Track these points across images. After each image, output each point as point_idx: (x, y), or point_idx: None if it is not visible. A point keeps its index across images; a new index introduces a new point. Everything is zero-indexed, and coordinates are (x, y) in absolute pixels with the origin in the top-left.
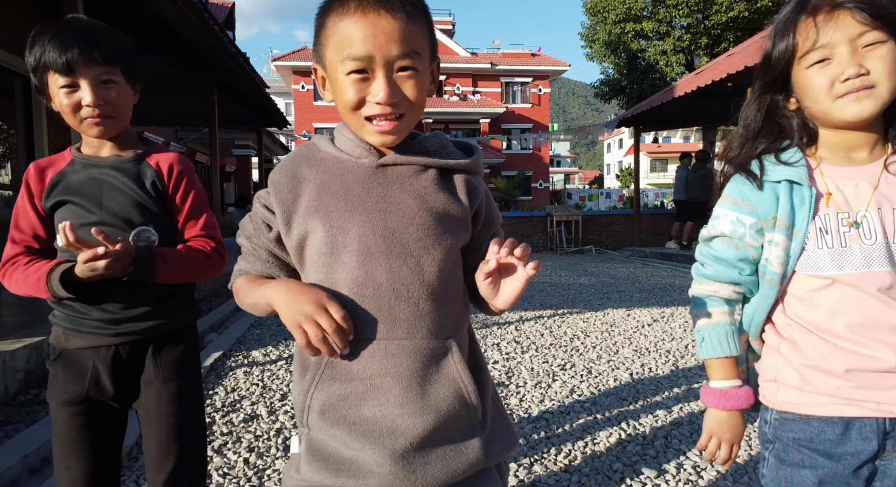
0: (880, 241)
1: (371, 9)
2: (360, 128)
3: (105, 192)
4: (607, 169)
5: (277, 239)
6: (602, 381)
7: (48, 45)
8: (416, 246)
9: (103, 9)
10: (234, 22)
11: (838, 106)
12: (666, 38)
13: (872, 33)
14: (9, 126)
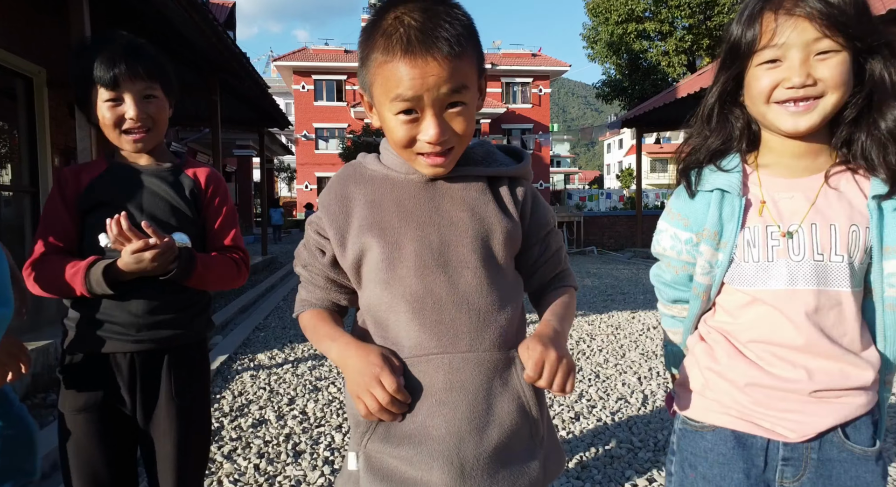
0: (808, 258)
1: (419, 55)
2: (413, 161)
3: (145, 196)
4: (607, 169)
5: (333, 263)
6: (610, 385)
7: (96, 60)
8: (472, 257)
9: (106, 7)
10: (234, 22)
11: (774, 112)
12: (668, 38)
13: (828, 41)
14: (10, 126)
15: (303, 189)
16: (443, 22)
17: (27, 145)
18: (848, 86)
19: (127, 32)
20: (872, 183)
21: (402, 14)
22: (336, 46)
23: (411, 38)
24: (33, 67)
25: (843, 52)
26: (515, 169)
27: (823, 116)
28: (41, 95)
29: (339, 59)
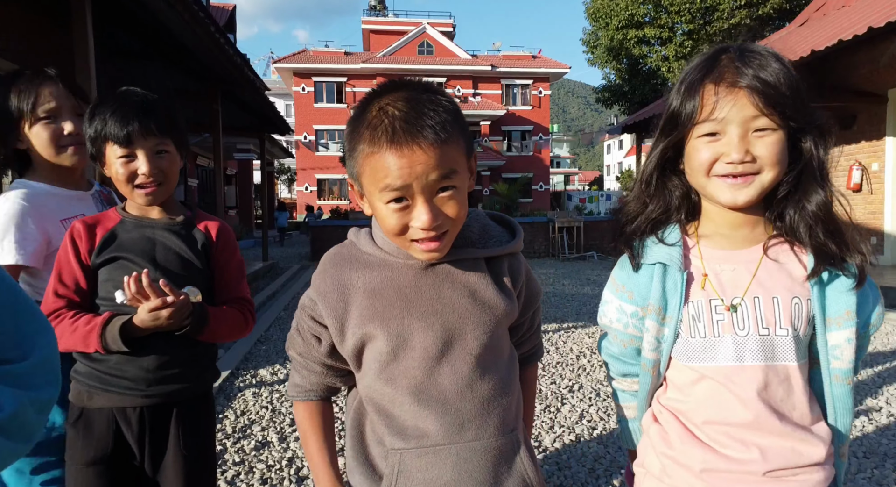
0: (753, 333)
1: (405, 144)
2: (408, 247)
3: (158, 250)
4: (607, 170)
5: (331, 350)
6: (610, 405)
7: (109, 118)
8: (475, 344)
9: (109, 18)
10: (234, 25)
11: (714, 185)
12: (668, 44)
13: (765, 120)
14: None
15: (303, 191)
16: (427, 110)
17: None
18: (784, 163)
19: (140, 89)
20: (810, 256)
21: (385, 105)
22: (336, 48)
23: (396, 128)
24: None
25: (779, 130)
26: (512, 247)
27: (760, 190)
28: None
29: (339, 61)
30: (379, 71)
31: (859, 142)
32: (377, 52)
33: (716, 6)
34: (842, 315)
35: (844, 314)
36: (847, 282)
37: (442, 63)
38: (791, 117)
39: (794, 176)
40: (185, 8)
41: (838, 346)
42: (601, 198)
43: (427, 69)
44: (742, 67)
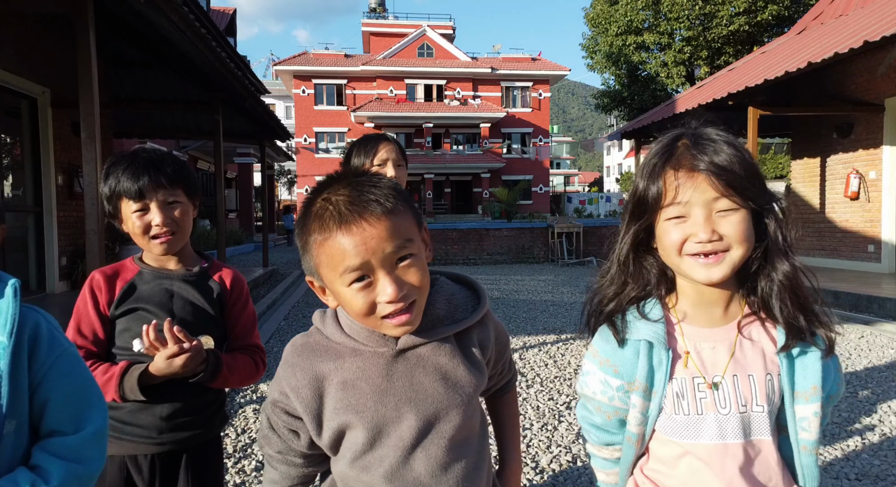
0: (734, 411)
1: (353, 222)
2: (379, 326)
3: (175, 301)
4: (607, 171)
5: (311, 442)
6: None
7: (122, 176)
8: (449, 427)
9: (113, 31)
10: (235, 28)
11: (687, 264)
12: (667, 50)
13: (726, 201)
14: (15, 146)
15: (303, 193)
16: (368, 187)
17: (31, 165)
18: (751, 240)
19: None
20: (779, 332)
21: (328, 194)
22: (336, 51)
23: (342, 210)
24: (37, 87)
25: (741, 209)
26: (478, 316)
27: (732, 266)
28: (45, 115)
29: (339, 64)
30: (379, 73)
31: (857, 150)
32: (377, 55)
33: (714, 13)
34: (808, 390)
35: (811, 389)
36: (814, 356)
37: (442, 65)
38: (750, 198)
39: (761, 251)
40: (188, 25)
41: (806, 418)
42: (601, 199)
43: (427, 71)
44: (697, 153)
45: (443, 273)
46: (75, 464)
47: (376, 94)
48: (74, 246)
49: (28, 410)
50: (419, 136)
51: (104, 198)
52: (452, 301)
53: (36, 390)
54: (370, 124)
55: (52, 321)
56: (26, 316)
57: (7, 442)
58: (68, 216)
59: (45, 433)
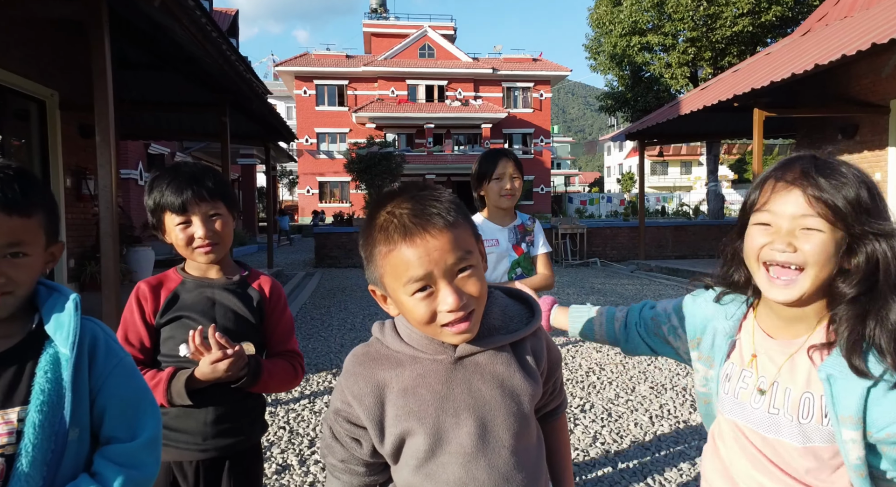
0: (763, 410)
1: (416, 234)
2: (439, 334)
3: (217, 309)
4: (607, 171)
5: (373, 450)
6: (623, 426)
7: (166, 190)
8: (508, 435)
9: (121, 33)
10: (237, 29)
11: (761, 276)
12: (671, 51)
13: (814, 220)
14: (24, 148)
15: (304, 194)
16: (430, 201)
17: (40, 167)
18: (831, 264)
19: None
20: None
21: (392, 208)
22: (338, 51)
23: (406, 223)
24: (46, 90)
25: (826, 233)
26: (533, 327)
27: (802, 292)
28: (53, 118)
29: (340, 65)
30: (380, 74)
31: (861, 152)
32: (378, 55)
33: (718, 14)
34: (847, 417)
35: (849, 418)
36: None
37: (443, 66)
38: (844, 223)
39: (863, 283)
40: (199, 29)
41: (845, 443)
42: (602, 200)
43: (428, 72)
44: (807, 170)
45: (498, 288)
46: (133, 470)
47: (378, 94)
48: (82, 248)
49: (89, 418)
50: (420, 136)
51: (148, 210)
52: (507, 313)
53: (95, 398)
54: (371, 125)
55: (109, 332)
56: (84, 328)
57: (71, 449)
58: (76, 218)
59: (103, 440)
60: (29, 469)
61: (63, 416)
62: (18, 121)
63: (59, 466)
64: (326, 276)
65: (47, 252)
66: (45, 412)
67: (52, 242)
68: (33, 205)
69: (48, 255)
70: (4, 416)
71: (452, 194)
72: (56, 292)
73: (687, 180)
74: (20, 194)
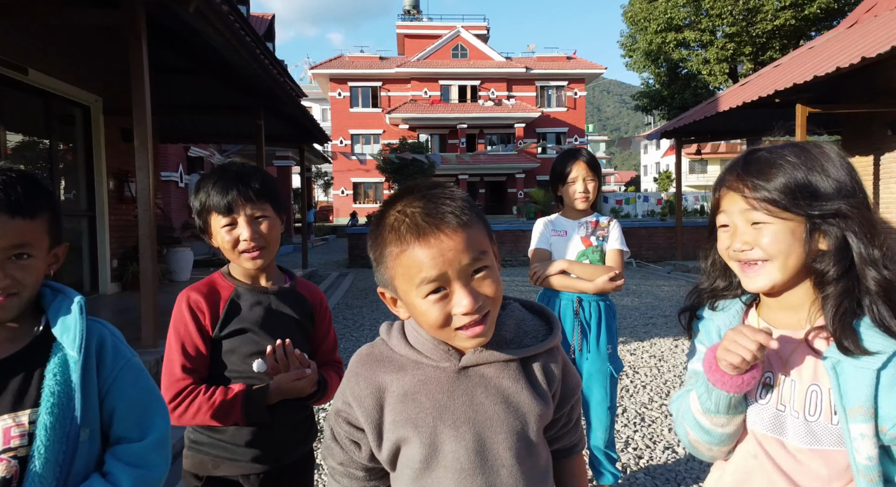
0: (771, 407)
1: (430, 234)
2: (452, 338)
3: (276, 320)
4: (644, 170)
5: (371, 455)
6: (656, 431)
7: (212, 190)
8: (509, 455)
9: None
10: (273, 33)
11: (736, 269)
12: (709, 47)
13: (758, 214)
14: (70, 153)
15: (339, 195)
16: (443, 199)
17: (84, 170)
18: (796, 252)
19: (239, 159)
20: (831, 348)
21: (403, 207)
22: (371, 53)
23: (419, 222)
24: (90, 96)
25: (776, 223)
26: (547, 345)
27: (773, 281)
28: (97, 123)
29: (374, 66)
30: (413, 74)
31: None
32: (412, 56)
33: (759, 7)
34: (855, 409)
35: (858, 408)
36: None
37: (476, 66)
38: (790, 210)
39: (841, 261)
40: (233, 34)
41: (855, 438)
42: (638, 199)
43: (461, 72)
44: (741, 165)
45: (517, 300)
46: (143, 470)
47: (411, 95)
48: (124, 249)
49: (99, 418)
50: (453, 137)
51: (195, 212)
52: (522, 327)
53: (104, 399)
54: (405, 126)
55: (116, 333)
56: (91, 329)
57: (82, 450)
58: (118, 220)
59: (114, 439)
60: (42, 470)
61: (74, 417)
62: (65, 126)
63: (72, 466)
64: (359, 276)
65: (51, 254)
66: (55, 414)
67: (55, 243)
68: (37, 207)
69: (52, 257)
70: (16, 419)
71: (465, 193)
72: (61, 294)
73: None
74: (24, 196)
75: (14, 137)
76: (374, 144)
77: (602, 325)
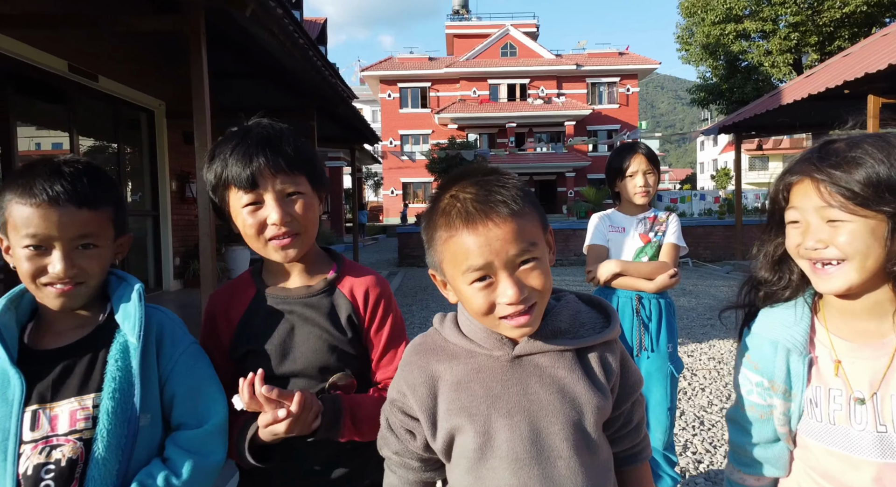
0: (870, 429)
1: (479, 221)
2: (497, 327)
3: (297, 337)
4: (700, 168)
5: (426, 445)
6: (716, 435)
7: (230, 158)
8: (564, 446)
9: (217, 45)
10: (326, 37)
11: (806, 268)
12: (771, 37)
13: (835, 211)
14: (136, 155)
15: (389, 195)
16: (496, 187)
17: (150, 172)
18: (876, 252)
19: (266, 119)
20: None
21: (456, 192)
22: (420, 54)
23: (469, 208)
24: (154, 100)
25: (855, 222)
26: (605, 336)
27: (850, 283)
28: (161, 125)
29: (423, 67)
30: (462, 74)
31: None
32: (460, 56)
33: None
34: None
35: None
36: None
37: (525, 64)
38: (874, 208)
39: None
40: (287, 36)
41: None
42: (694, 198)
43: (510, 71)
44: (818, 159)
45: (574, 293)
46: (200, 457)
47: (459, 95)
48: (185, 247)
49: (160, 404)
50: (502, 136)
51: (209, 188)
52: (577, 318)
53: (165, 385)
54: (453, 125)
55: (175, 320)
56: (151, 317)
57: (143, 435)
58: (180, 219)
59: (174, 425)
60: (104, 452)
61: (133, 403)
62: (131, 130)
63: (133, 450)
64: (409, 275)
65: (116, 244)
66: (116, 399)
67: (120, 234)
68: (102, 198)
69: (117, 247)
70: (81, 402)
71: (520, 180)
72: (124, 282)
73: None
74: (89, 188)
75: (85, 141)
76: (423, 144)
77: (662, 323)
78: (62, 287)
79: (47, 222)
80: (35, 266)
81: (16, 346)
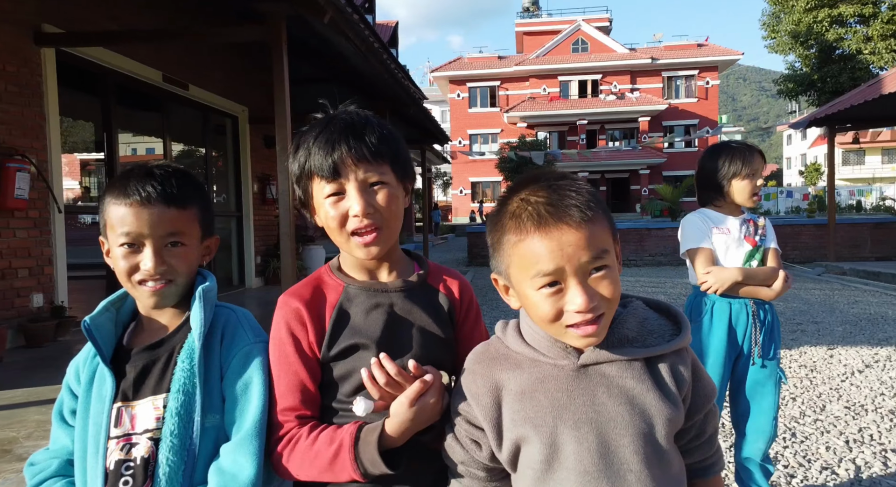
0: None
1: (552, 226)
2: (562, 335)
3: (400, 329)
4: (787, 163)
5: (492, 454)
6: (810, 448)
7: (313, 146)
8: (636, 459)
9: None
10: (397, 39)
11: None
12: (871, 22)
13: None
14: (222, 158)
15: (458, 194)
16: (569, 192)
17: (234, 175)
18: None
19: (353, 106)
20: None
21: (527, 195)
22: (490, 53)
23: (541, 212)
24: (238, 107)
25: None
26: (675, 345)
27: None
28: (244, 130)
29: (492, 66)
30: (531, 72)
31: None
32: (530, 54)
33: None
34: None
35: None
36: None
37: (597, 59)
38: None
39: None
40: (362, 41)
41: None
42: (780, 195)
43: (581, 67)
44: None
45: (640, 298)
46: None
47: (529, 93)
48: (266, 246)
49: (222, 405)
50: (573, 133)
51: (293, 179)
52: (645, 326)
53: (223, 384)
54: (522, 124)
55: (242, 317)
56: (219, 316)
57: (208, 435)
58: (261, 220)
59: (226, 427)
60: (170, 453)
61: (195, 404)
62: (217, 135)
63: (199, 451)
64: (478, 274)
65: (203, 245)
66: (180, 400)
67: (207, 235)
68: (189, 198)
69: (204, 248)
70: (154, 402)
71: (591, 186)
72: (205, 284)
73: (891, 170)
74: (177, 188)
75: (177, 146)
76: (492, 143)
77: (774, 330)
78: (154, 286)
79: (139, 220)
80: (129, 264)
81: (112, 345)
